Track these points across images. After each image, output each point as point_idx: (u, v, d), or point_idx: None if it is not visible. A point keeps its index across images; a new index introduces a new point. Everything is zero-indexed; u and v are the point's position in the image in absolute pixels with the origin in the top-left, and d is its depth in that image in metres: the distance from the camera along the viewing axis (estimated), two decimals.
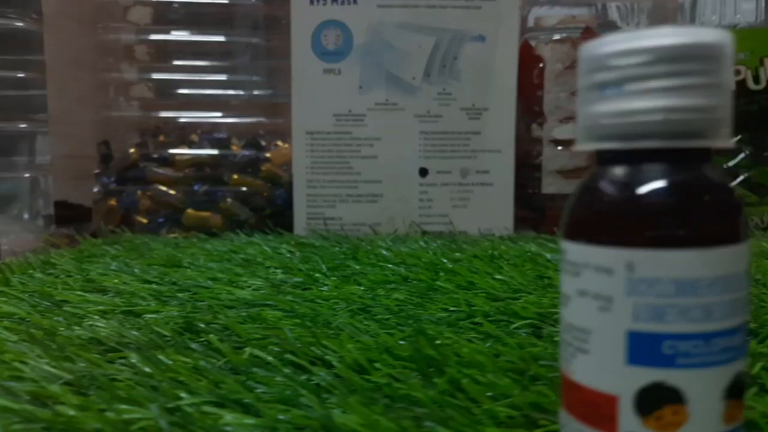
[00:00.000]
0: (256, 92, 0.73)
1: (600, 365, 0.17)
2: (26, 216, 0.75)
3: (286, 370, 0.26)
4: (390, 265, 0.47)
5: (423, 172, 0.66)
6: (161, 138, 0.69)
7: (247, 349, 0.27)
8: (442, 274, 0.44)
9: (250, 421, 0.21)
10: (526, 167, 0.67)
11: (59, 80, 0.64)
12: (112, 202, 0.65)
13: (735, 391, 0.17)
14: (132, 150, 0.67)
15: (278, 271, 0.45)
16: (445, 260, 0.48)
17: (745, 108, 0.65)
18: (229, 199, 0.66)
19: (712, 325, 0.16)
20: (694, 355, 0.16)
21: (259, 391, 0.24)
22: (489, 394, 0.23)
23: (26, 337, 0.29)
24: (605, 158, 0.18)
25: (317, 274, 0.44)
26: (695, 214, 0.16)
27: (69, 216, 0.68)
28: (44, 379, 0.24)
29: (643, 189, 0.17)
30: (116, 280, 0.42)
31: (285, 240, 0.58)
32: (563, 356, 0.18)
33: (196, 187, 0.66)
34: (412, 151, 0.65)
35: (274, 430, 0.20)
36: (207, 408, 0.22)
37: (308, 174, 0.65)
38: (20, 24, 0.61)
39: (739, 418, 0.17)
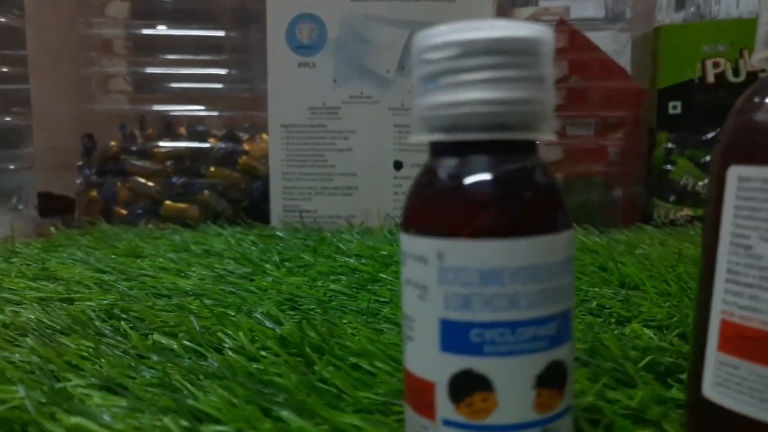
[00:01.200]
0: (238, 86, 0.74)
1: (421, 352, 0.17)
2: (21, 207, 0.77)
3: (187, 357, 0.27)
4: (344, 257, 0.47)
5: (398, 165, 0.66)
6: (150, 131, 0.70)
7: (153, 336, 0.28)
8: (392, 266, 0.45)
9: (121, 402, 0.22)
10: None
11: (41, 74, 0.65)
12: (93, 193, 0.67)
13: (548, 379, 0.17)
14: (113, 143, 0.68)
15: (231, 261, 0.46)
16: None
17: (726, 101, 0.64)
18: (206, 191, 0.67)
19: (518, 314, 0.16)
20: (501, 343, 0.16)
21: (148, 375, 0.24)
22: (369, 382, 0.24)
23: None
24: (434, 150, 0.18)
25: (268, 266, 0.45)
26: (500, 205, 0.16)
27: (53, 207, 0.70)
28: None
29: (454, 181, 0.17)
30: (70, 270, 0.43)
31: (253, 232, 0.59)
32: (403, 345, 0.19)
33: (174, 179, 0.67)
34: (386, 144, 0.66)
35: (139, 412, 0.21)
36: (87, 390, 0.23)
37: (284, 167, 0.66)
38: (2, 19, 0.62)
39: (555, 407, 0.17)
